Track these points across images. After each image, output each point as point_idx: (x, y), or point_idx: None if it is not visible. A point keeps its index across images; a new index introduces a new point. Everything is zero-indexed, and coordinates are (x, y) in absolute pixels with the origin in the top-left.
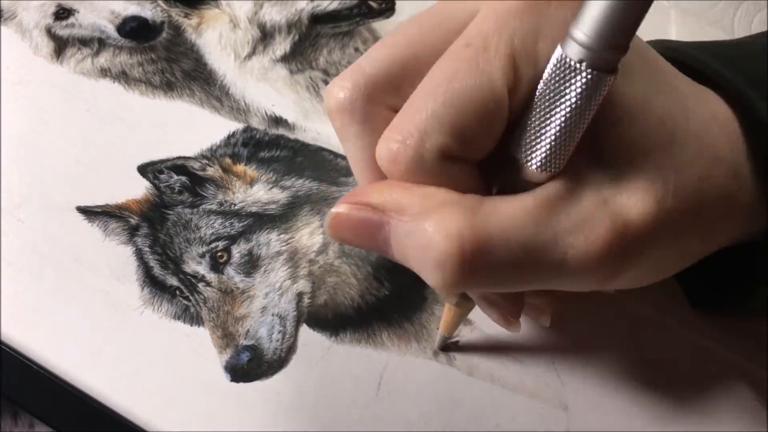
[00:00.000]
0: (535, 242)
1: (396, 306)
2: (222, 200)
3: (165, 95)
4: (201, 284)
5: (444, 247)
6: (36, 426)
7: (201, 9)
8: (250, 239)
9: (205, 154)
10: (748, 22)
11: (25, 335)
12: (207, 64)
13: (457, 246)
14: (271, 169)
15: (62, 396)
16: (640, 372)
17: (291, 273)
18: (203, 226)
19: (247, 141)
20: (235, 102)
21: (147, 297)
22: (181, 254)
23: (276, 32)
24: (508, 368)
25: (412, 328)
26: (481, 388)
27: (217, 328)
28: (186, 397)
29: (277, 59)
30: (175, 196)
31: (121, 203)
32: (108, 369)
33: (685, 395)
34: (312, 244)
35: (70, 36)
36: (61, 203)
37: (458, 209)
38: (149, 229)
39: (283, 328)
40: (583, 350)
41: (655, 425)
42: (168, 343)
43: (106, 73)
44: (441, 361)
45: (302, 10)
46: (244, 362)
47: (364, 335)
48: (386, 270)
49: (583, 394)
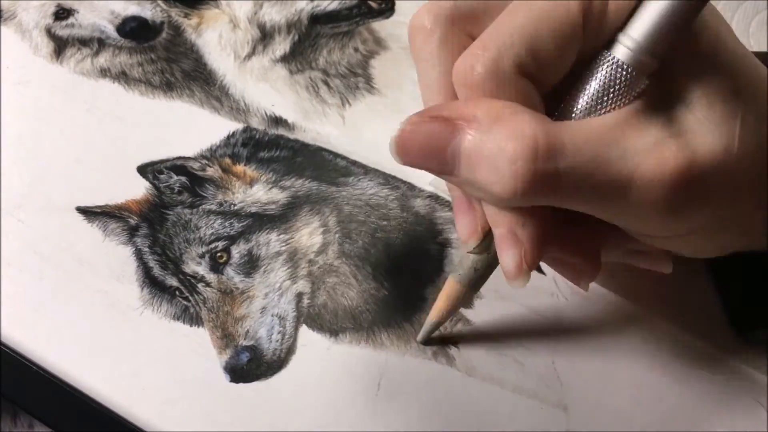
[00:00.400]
0: (607, 155)
1: (396, 306)
2: (221, 200)
3: (165, 95)
4: (200, 285)
5: (517, 146)
6: (36, 426)
7: (201, 9)
8: (249, 239)
9: (204, 155)
10: (745, 25)
11: (25, 335)
12: (207, 64)
13: (531, 145)
14: (271, 169)
15: (62, 396)
16: (640, 372)
17: (290, 273)
18: (203, 227)
19: (247, 141)
20: (234, 102)
21: (147, 297)
22: (180, 254)
23: (276, 32)
24: (508, 368)
25: (411, 329)
26: (480, 388)
27: (216, 329)
28: (186, 397)
29: (277, 59)
30: (174, 196)
31: (121, 203)
32: (108, 369)
33: (685, 395)
34: (312, 245)
35: (70, 36)
36: (61, 203)
37: (532, 116)
38: (149, 229)
39: (283, 328)
40: (583, 351)
41: (655, 425)
42: (168, 343)
43: (106, 73)
44: (441, 361)
45: (302, 10)
46: (244, 363)
47: (363, 336)
48: (386, 270)
49: (583, 394)
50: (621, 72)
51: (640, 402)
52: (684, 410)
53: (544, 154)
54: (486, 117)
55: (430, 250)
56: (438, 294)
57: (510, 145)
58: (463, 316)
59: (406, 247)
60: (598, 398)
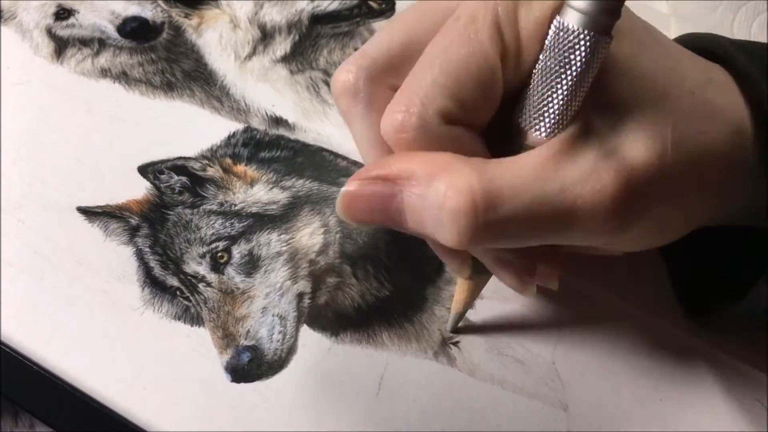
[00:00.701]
0: (545, 193)
1: (396, 306)
2: (222, 201)
3: (165, 95)
4: (201, 285)
5: (457, 203)
6: (36, 426)
7: (201, 9)
8: (250, 239)
9: (205, 155)
10: (747, 26)
11: (25, 335)
12: (207, 64)
13: (470, 200)
14: (272, 169)
15: (62, 396)
16: (640, 372)
17: (291, 273)
18: (203, 227)
19: (248, 141)
20: (235, 102)
21: (147, 297)
22: (181, 255)
23: (276, 32)
24: (508, 368)
25: (412, 328)
26: (481, 388)
27: (217, 329)
28: (186, 397)
29: (278, 59)
30: (175, 196)
31: (122, 204)
32: (108, 369)
33: (685, 395)
34: (312, 245)
35: (71, 36)
36: (62, 203)
37: (467, 167)
38: (150, 229)
39: (284, 328)
40: (583, 351)
41: (655, 425)
42: (168, 343)
43: (107, 73)
44: (441, 361)
45: (302, 11)
46: (245, 362)
47: (364, 335)
48: (386, 270)
49: (583, 394)
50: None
51: (640, 402)
52: (684, 410)
53: (484, 206)
54: (422, 172)
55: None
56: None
57: (449, 203)
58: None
59: (407, 247)
60: (598, 398)
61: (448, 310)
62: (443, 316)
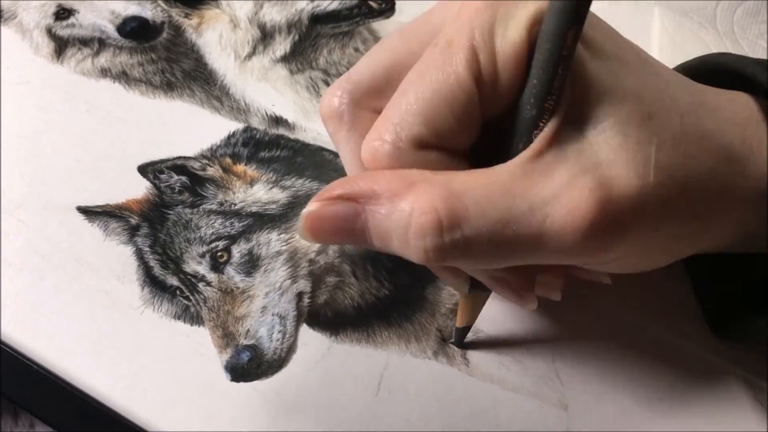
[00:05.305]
0: (511, 213)
1: (396, 306)
2: (222, 200)
3: (165, 95)
4: (201, 284)
5: (421, 223)
6: (36, 426)
7: (201, 9)
8: (250, 239)
9: (205, 154)
10: (731, 12)
11: (25, 335)
12: (207, 64)
13: (434, 219)
14: (272, 169)
15: (62, 396)
16: (640, 372)
17: (291, 273)
18: (203, 226)
19: (248, 141)
20: (235, 102)
21: (147, 297)
22: (181, 254)
23: (276, 32)
24: (508, 368)
25: (412, 328)
26: (481, 388)
27: (217, 328)
28: (186, 397)
29: (277, 59)
30: (175, 196)
31: (122, 203)
32: (108, 369)
33: (685, 395)
34: (312, 244)
35: (71, 36)
36: (61, 203)
37: (430, 185)
38: (149, 229)
39: (284, 327)
40: (583, 350)
41: (655, 425)
42: (168, 343)
43: (107, 73)
44: (441, 361)
45: (302, 11)
46: (245, 362)
47: (364, 335)
48: (386, 270)
49: (583, 394)
50: None
51: (640, 402)
52: (684, 410)
53: (448, 225)
54: (386, 191)
55: None
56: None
57: (413, 223)
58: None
59: None
60: (598, 398)
61: (449, 310)
62: (443, 315)
